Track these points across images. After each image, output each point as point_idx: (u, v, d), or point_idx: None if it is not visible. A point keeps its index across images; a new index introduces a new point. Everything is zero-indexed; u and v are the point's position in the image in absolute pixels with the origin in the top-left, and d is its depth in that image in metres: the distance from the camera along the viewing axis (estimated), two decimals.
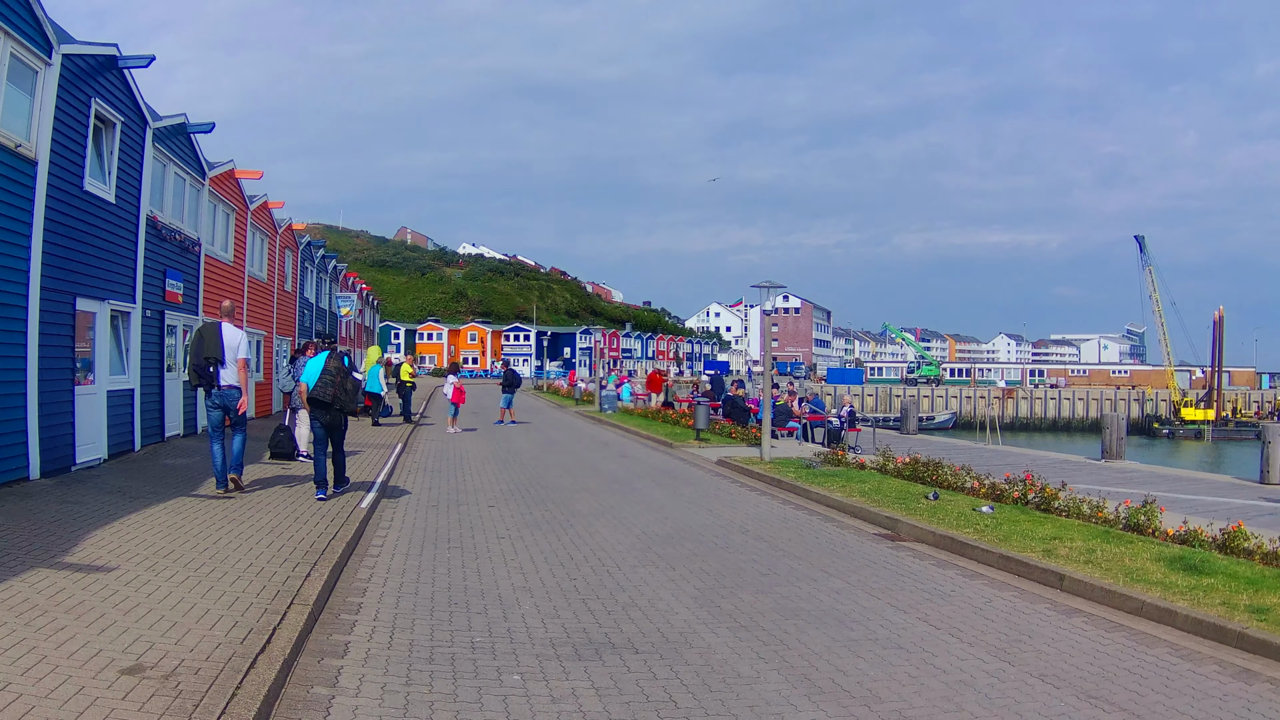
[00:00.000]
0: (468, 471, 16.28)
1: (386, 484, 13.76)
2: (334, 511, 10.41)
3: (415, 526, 10.55)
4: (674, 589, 8.14)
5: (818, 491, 14.11)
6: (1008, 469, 14.89)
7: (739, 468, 17.67)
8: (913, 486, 14.17)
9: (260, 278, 24.48)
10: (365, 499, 11.46)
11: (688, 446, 21.75)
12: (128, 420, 14.78)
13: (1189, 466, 36.04)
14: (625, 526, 11.14)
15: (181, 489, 11.53)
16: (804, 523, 12.00)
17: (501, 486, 14.30)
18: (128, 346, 14.98)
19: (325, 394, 11.37)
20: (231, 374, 11.31)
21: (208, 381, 11.22)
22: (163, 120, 16.47)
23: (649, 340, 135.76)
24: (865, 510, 12.44)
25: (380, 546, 9.32)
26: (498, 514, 11.66)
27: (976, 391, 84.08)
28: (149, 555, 7.72)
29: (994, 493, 13.10)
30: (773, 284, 19.13)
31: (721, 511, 12.66)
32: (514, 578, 8.25)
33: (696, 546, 10.09)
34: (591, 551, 9.57)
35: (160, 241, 16.40)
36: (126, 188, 14.87)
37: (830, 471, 16.28)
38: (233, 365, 11.30)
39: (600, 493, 13.97)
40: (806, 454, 20.73)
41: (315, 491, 11.44)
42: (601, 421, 31.12)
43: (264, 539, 8.65)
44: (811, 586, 8.48)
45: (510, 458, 18.81)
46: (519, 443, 22.46)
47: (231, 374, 11.31)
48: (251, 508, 10.35)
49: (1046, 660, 6.37)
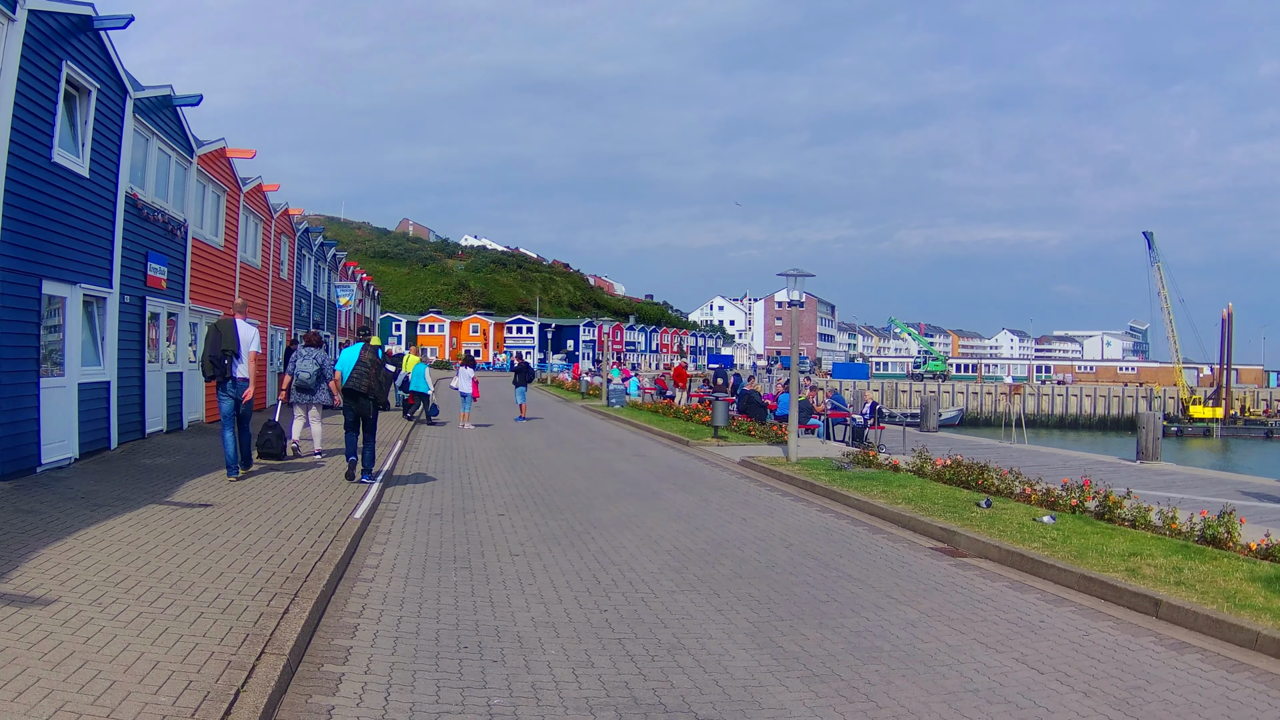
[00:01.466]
0: (474, 472, 15.02)
1: (384, 488, 12.49)
2: (323, 522, 9.15)
3: (416, 541, 9.28)
4: (723, 622, 6.89)
5: (857, 497, 12.93)
6: (1039, 470, 14.00)
7: (765, 469, 16.44)
8: (958, 492, 13.08)
9: (253, 264, 23.19)
10: (360, 507, 10.21)
11: (706, 445, 20.51)
12: (103, 416, 13.51)
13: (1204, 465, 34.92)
14: (653, 540, 9.88)
15: (156, 494, 10.26)
16: (850, 534, 10.78)
17: (511, 491, 13.03)
18: (103, 335, 13.71)
19: (360, 385, 11.89)
20: (244, 368, 11.81)
21: (222, 374, 11.68)
22: (145, 91, 15.18)
23: (653, 333, 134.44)
24: (915, 520, 11.27)
25: (375, 568, 8.03)
26: (509, 524, 10.39)
27: (983, 388, 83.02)
28: (100, 582, 6.45)
29: (1048, 499, 12.04)
30: (801, 272, 17.85)
31: (756, 521, 11.42)
32: (534, 609, 6.98)
33: (737, 565, 8.84)
34: (620, 572, 8.31)
35: (142, 222, 15.11)
36: (103, 161, 13.58)
37: (864, 474, 15.11)
38: (246, 359, 11.81)
39: (620, 498, 12.72)
40: (833, 453, 19.50)
41: (362, 477, 12.25)
42: (611, 417, 29.86)
43: (239, 559, 7.39)
44: (880, 617, 7.25)
45: (519, 457, 17.55)
46: (527, 440, 21.20)
47: (244, 368, 11.81)
48: (229, 518, 9.08)
49: (1178, 714, 5.29)
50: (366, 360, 11.99)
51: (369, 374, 11.94)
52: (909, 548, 10.09)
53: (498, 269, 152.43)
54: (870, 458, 16.75)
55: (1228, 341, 69.93)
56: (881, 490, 13.29)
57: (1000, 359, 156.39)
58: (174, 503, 9.78)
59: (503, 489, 13.20)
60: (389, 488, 12.77)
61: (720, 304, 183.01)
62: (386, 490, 12.59)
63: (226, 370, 11.67)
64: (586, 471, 15.64)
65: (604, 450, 19.53)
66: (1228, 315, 71.32)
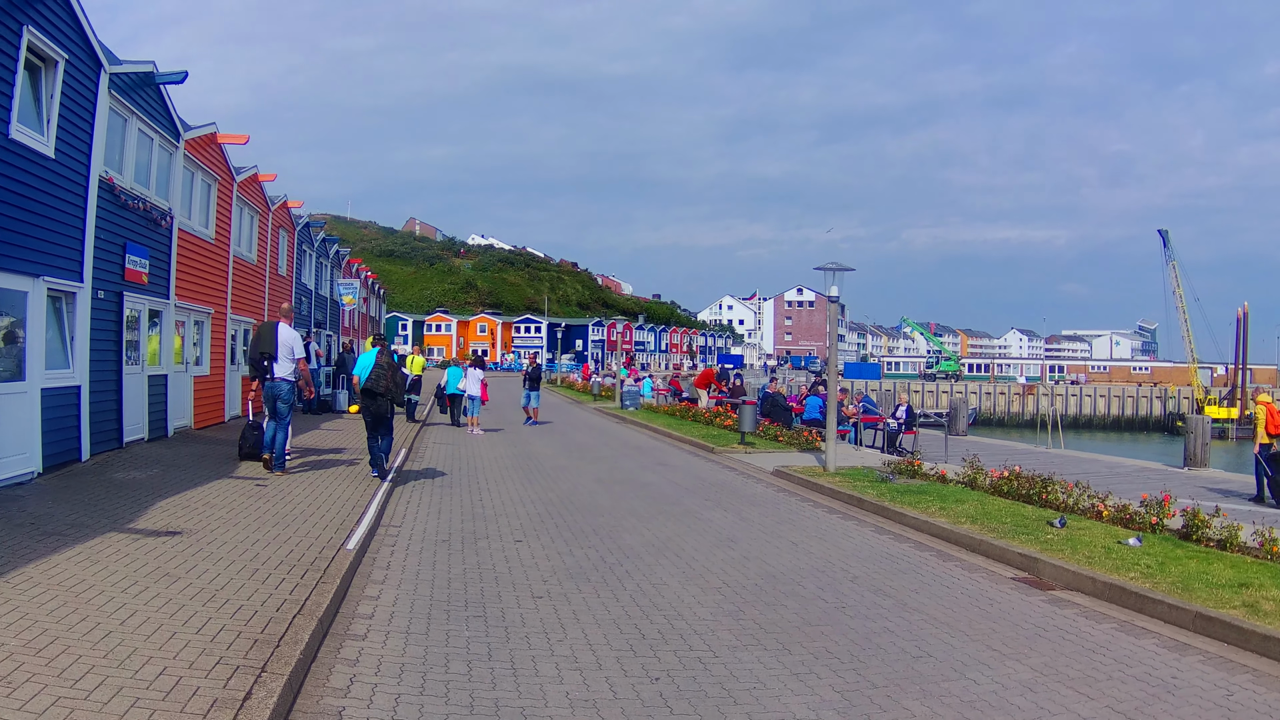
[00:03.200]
0: (484, 486, 13.57)
1: (384, 506, 11.05)
2: (309, 555, 7.70)
3: (420, 579, 7.81)
4: (805, 692, 5.48)
5: (914, 515, 11.53)
6: (1085, 477, 12.89)
7: (803, 480, 14.99)
8: (1022, 508, 11.76)
9: (248, 259, 21.74)
10: (354, 534, 8.76)
11: (732, 452, 19.05)
12: (71, 424, 12.10)
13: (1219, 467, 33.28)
14: (697, 573, 8.44)
15: (120, 518, 8.83)
16: (918, 562, 9.37)
17: (528, 509, 11.57)
18: (73, 335, 12.30)
19: (378, 386, 12.70)
20: (285, 368, 12.43)
21: (262, 373, 12.48)
22: (123, 65, 13.76)
23: (662, 333, 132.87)
24: (987, 544, 9.92)
25: (369, 619, 6.55)
26: (528, 554, 8.93)
27: (996, 388, 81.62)
28: (16, 649, 5.02)
29: (1123, 516, 10.84)
30: (840, 266, 16.39)
31: (809, 546, 9.97)
32: (567, 679, 5.51)
33: (802, 607, 7.41)
34: (666, 620, 6.86)
35: (119, 210, 13.70)
36: (72, 141, 12.18)
37: (912, 487, 13.71)
38: (287, 361, 12.45)
39: (651, 518, 11.26)
40: (872, 462, 18.04)
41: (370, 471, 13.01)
42: (626, 420, 28.39)
43: (200, 611, 5.95)
44: (989, 678, 5.89)
45: (533, 467, 16.09)
46: (541, 447, 19.74)
47: (285, 368, 12.43)
48: (198, 551, 7.64)
49: None
50: (383, 363, 12.79)
51: (385, 375, 12.74)
52: (988, 578, 8.72)
53: (505, 268, 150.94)
54: (915, 467, 15.35)
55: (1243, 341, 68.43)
56: (939, 507, 11.90)
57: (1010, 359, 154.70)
58: (138, 530, 8.34)
59: (518, 506, 11.74)
60: (390, 505, 11.35)
61: (729, 303, 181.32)
62: (388, 507, 11.17)
63: (267, 370, 12.44)
64: (609, 484, 14.18)
65: (624, 458, 18.08)
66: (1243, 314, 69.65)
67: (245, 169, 20.95)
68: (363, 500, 10.86)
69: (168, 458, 13.34)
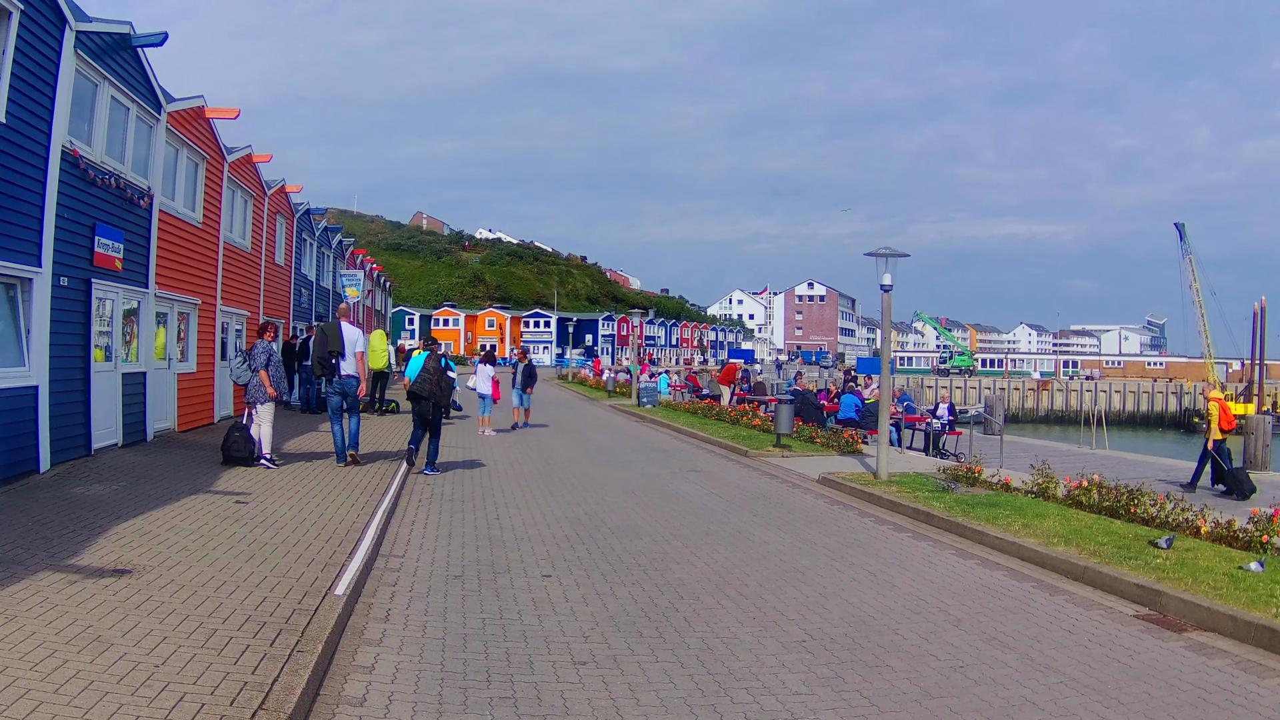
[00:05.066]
0: (500, 499, 11.92)
1: (385, 527, 9.41)
2: (287, 603, 6.07)
3: (428, 637, 6.12)
4: None
5: (996, 534, 10.03)
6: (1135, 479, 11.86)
7: (856, 490, 13.39)
8: (1111, 524, 10.39)
9: (240, 245, 20.09)
10: (346, 570, 7.12)
11: (767, 456, 17.42)
12: (27, 430, 10.49)
13: None
14: (771, 619, 6.83)
15: (61, 550, 7.21)
16: (1024, 598, 7.91)
17: (553, 530, 9.91)
18: (29, 327, 10.68)
19: (423, 389, 13.20)
20: (350, 365, 13.04)
21: (330, 372, 13.03)
22: (92, 24, 12.10)
23: (672, 327, 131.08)
24: (1092, 572, 8.50)
25: (360, 705, 4.88)
26: (561, 595, 7.26)
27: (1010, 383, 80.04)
28: None
29: (1227, 534, 9.52)
30: (894, 251, 14.72)
31: (890, 576, 8.36)
32: None
33: (913, 669, 5.83)
34: (751, 697, 5.23)
35: (86, 186, 12.08)
36: (28, 105, 10.56)
37: (980, 498, 12.21)
38: (351, 358, 13.07)
39: (698, 541, 9.61)
40: (921, 466, 16.43)
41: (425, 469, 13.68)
42: (646, 419, 26.73)
43: (125, 700, 4.31)
44: None
45: (553, 474, 14.43)
46: (560, 450, 18.08)
47: (350, 365, 13.04)
48: (147, 600, 6.01)
49: None
50: (430, 367, 13.27)
51: (431, 379, 13.18)
52: (1109, 617, 7.28)
53: (514, 261, 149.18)
54: (975, 474, 13.75)
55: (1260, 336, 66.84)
56: (1021, 524, 10.40)
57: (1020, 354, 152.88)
58: (79, 568, 6.72)
59: (542, 527, 10.08)
60: (393, 526, 9.71)
61: (739, 297, 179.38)
62: (389, 528, 9.54)
63: (334, 369, 12.92)
64: (640, 495, 12.53)
65: (652, 463, 16.42)
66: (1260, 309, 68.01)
67: (238, 148, 19.32)
68: (359, 520, 9.23)
69: (141, 466, 11.73)
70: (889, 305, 14.88)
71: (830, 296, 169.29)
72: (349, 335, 13.08)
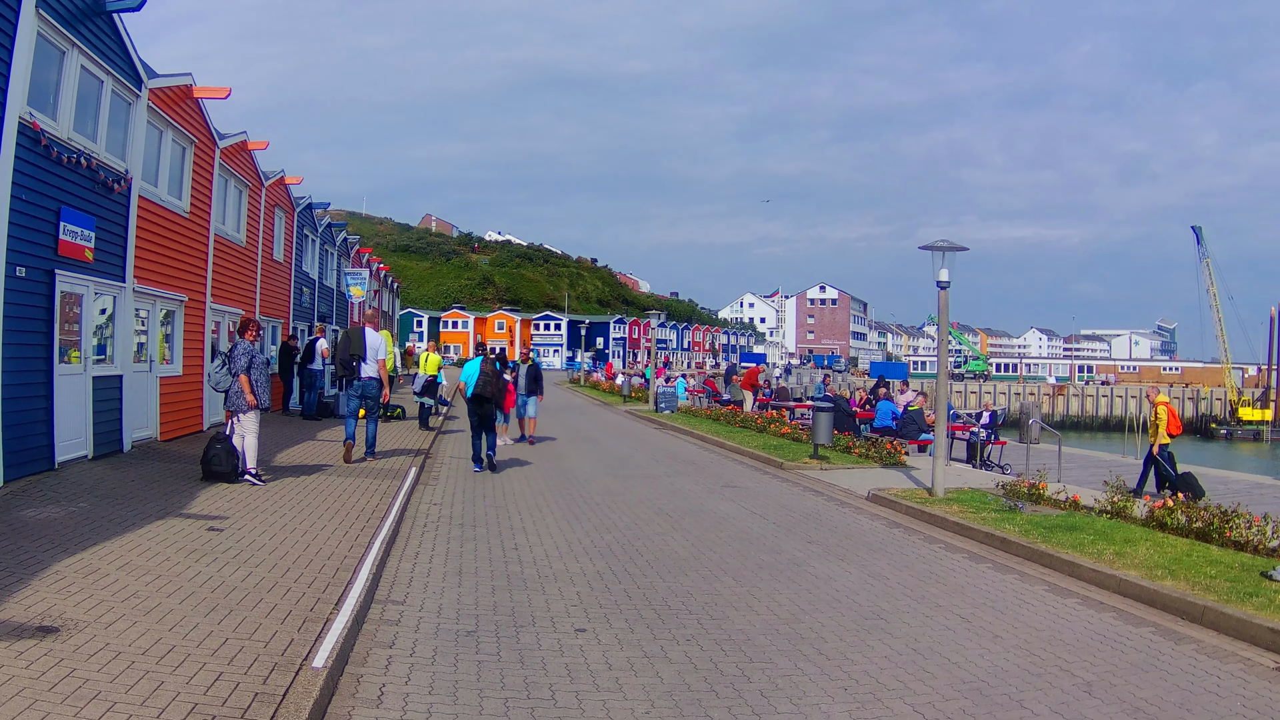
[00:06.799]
0: (517, 523, 10.43)
1: (381, 564, 7.94)
2: (254, 675, 4.61)
3: None
4: None
5: (1089, 566, 8.80)
6: None
7: (912, 509, 11.96)
8: (1207, 550, 9.15)
9: (234, 239, 18.66)
10: (330, 628, 5.65)
11: (804, 468, 15.93)
12: None
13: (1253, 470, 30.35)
14: (865, 688, 5.42)
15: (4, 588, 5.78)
16: (1148, 650, 6.67)
17: (582, 564, 8.42)
18: None
19: (486, 391, 13.90)
20: (371, 369, 13.39)
21: (351, 375, 13.33)
22: None
23: (684, 331, 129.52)
24: (1213, 613, 7.15)
25: None
26: (602, 663, 5.74)
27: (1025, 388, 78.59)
28: None
29: None
30: (953, 245, 13.22)
31: (989, 624, 6.93)
32: None
33: None
34: None
35: (49, 164, 10.66)
36: None
37: (1054, 520, 10.92)
38: (373, 362, 13.40)
39: (751, 576, 8.13)
40: (973, 480, 14.97)
41: (473, 467, 14.34)
42: (666, 426, 25.25)
43: None
44: None
45: (575, 492, 12.93)
46: (578, 462, 16.59)
47: (371, 369, 13.39)
48: (73, 667, 4.56)
49: None
50: (487, 371, 14.03)
51: (491, 382, 13.96)
52: (1251, 672, 6.05)
53: (523, 263, 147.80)
54: (1040, 491, 12.28)
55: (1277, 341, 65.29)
56: (1113, 551, 9.03)
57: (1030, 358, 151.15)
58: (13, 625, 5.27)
59: (568, 560, 8.58)
60: (393, 559, 8.25)
61: (750, 301, 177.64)
62: (389, 560, 8.10)
63: (355, 372, 13.28)
64: (675, 517, 11.04)
65: (680, 476, 14.93)
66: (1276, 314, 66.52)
67: (231, 134, 17.93)
68: (353, 553, 7.77)
69: (108, 483, 10.30)
70: (946, 303, 13.37)
71: (842, 300, 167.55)
72: (372, 341, 13.43)
